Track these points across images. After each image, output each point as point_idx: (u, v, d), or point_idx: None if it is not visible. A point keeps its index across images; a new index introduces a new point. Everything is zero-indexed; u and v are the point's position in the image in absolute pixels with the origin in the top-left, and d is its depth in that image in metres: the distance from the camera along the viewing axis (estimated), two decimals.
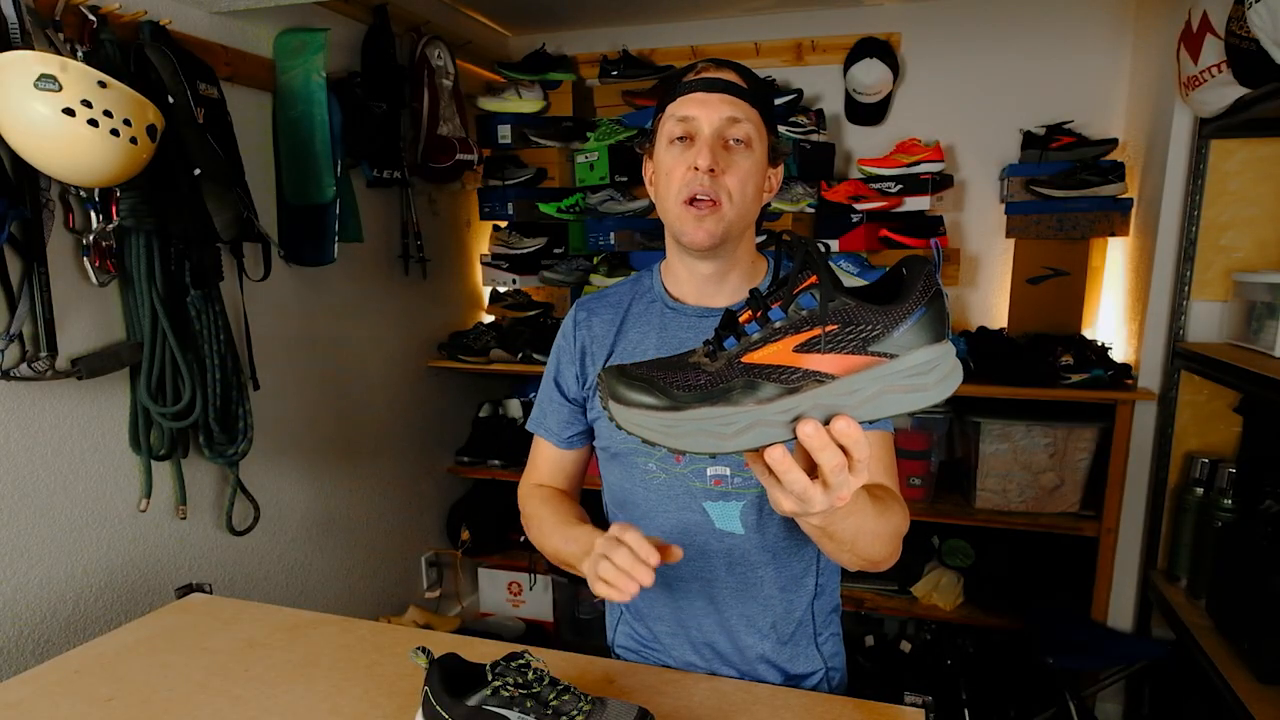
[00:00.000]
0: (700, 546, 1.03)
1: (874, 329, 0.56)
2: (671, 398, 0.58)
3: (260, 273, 1.85)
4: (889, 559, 0.88)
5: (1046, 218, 2.27)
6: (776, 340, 0.57)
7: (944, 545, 2.46)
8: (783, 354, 0.57)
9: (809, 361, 0.56)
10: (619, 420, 0.59)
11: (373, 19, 2.20)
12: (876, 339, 0.56)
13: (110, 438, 1.57)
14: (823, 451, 0.56)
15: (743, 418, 0.57)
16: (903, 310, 0.56)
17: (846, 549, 0.79)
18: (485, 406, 2.87)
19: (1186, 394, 2.05)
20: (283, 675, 1.00)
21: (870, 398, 0.57)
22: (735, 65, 0.98)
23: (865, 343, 0.56)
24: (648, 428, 0.58)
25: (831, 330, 0.56)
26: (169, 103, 1.49)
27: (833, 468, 0.57)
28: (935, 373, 0.57)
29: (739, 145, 0.95)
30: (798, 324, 0.57)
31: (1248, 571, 1.62)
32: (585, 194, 2.60)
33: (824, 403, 0.56)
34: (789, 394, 0.56)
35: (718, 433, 0.57)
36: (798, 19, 2.59)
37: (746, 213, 0.97)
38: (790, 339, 0.57)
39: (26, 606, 1.44)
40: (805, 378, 0.56)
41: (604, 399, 0.60)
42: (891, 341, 0.56)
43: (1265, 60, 1.43)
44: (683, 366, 0.60)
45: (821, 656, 1.08)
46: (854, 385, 0.56)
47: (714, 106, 0.94)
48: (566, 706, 0.78)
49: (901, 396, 0.57)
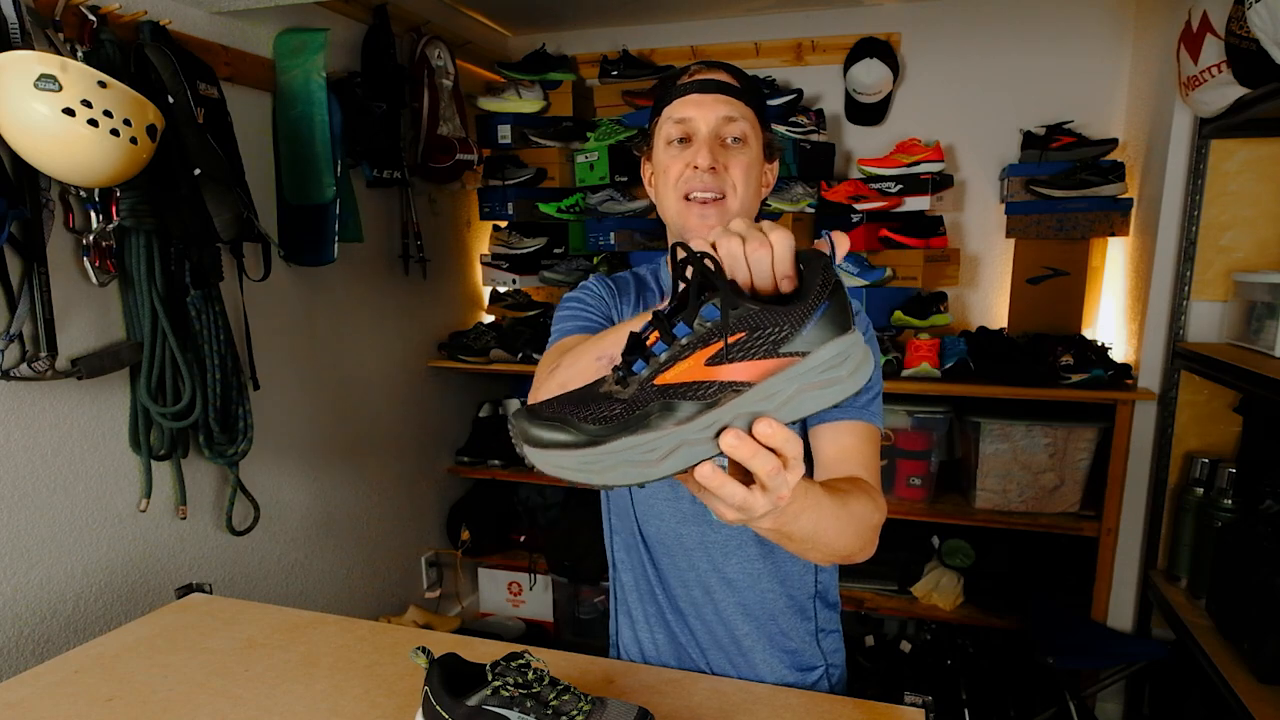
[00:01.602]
0: (698, 537, 1.03)
1: (781, 330, 0.55)
2: (586, 433, 0.55)
3: (260, 273, 1.85)
4: (861, 552, 0.85)
5: (1046, 218, 2.27)
6: (686, 357, 0.56)
7: (944, 545, 2.46)
8: (695, 370, 0.55)
9: (722, 373, 0.55)
10: (537, 464, 0.56)
11: (373, 19, 2.20)
12: (785, 340, 0.55)
13: (110, 438, 1.57)
14: (754, 459, 0.55)
15: (665, 441, 0.55)
16: (806, 307, 0.55)
17: (809, 547, 0.77)
18: (485, 406, 2.87)
19: (1186, 394, 2.05)
20: (282, 675, 1.00)
21: (789, 399, 0.56)
22: (727, 66, 1.01)
23: (775, 345, 0.55)
24: (567, 468, 0.55)
25: (739, 338, 0.55)
26: (169, 103, 1.49)
27: (768, 472, 0.55)
28: (848, 364, 0.56)
29: (736, 143, 0.97)
30: (704, 337, 0.55)
31: (1248, 571, 1.62)
32: (585, 194, 2.60)
33: (744, 411, 0.55)
34: (708, 409, 0.55)
35: (642, 461, 0.55)
36: (798, 19, 2.59)
37: (749, 208, 0.99)
38: (700, 353, 0.55)
39: (26, 606, 1.44)
40: (722, 390, 0.55)
41: (518, 444, 0.57)
42: (801, 340, 0.55)
43: (1265, 60, 1.43)
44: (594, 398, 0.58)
45: (822, 652, 1.09)
46: (771, 389, 0.55)
47: (710, 107, 0.96)
48: (566, 706, 0.78)
49: (820, 392, 0.56)
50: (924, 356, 2.20)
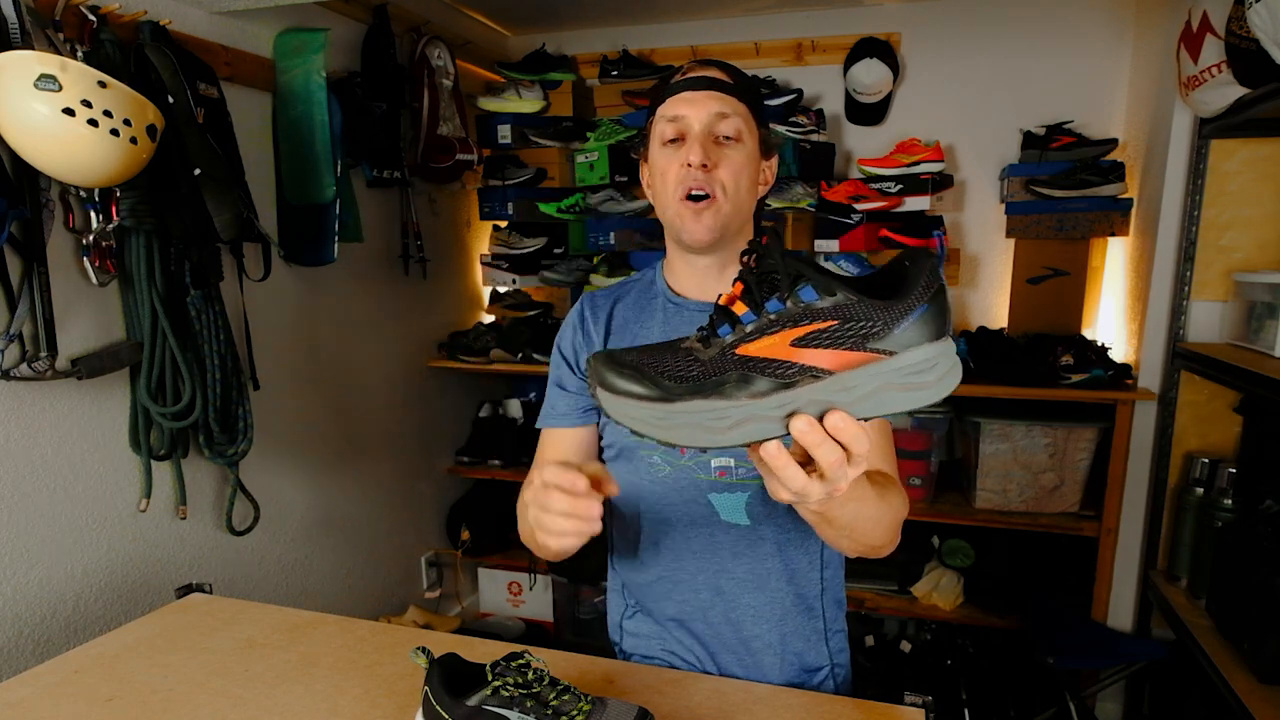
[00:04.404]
0: (706, 539, 1.03)
1: (874, 325, 0.54)
2: (662, 389, 0.56)
3: (260, 273, 1.85)
4: (888, 545, 0.88)
5: (1046, 218, 2.27)
6: (773, 333, 0.55)
7: (944, 545, 2.46)
8: (779, 347, 0.55)
9: (805, 356, 0.55)
10: (607, 409, 0.57)
11: (373, 19, 2.20)
12: (876, 336, 0.54)
13: (110, 438, 1.57)
14: (819, 447, 0.55)
15: (736, 412, 0.55)
16: (904, 307, 0.54)
17: (845, 534, 0.79)
18: (485, 406, 2.87)
19: (1186, 394, 2.05)
20: (282, 675, 1.00)
21: (867, 395, 0.55)
22: (720, 64, 1.00)
23: (864, 339, 0.54)
24: (638, 419, 0.56)
25: (830, 325, 0.54)
26: (169, 103, 1.49)
27: (830, 463, 0.56)
28: (934, 371, 0.55)
29: (729, 140, 0.97)
30: (795, 317, 0.55)
31: (1248, 571, 1.62)
32: (585, 194, 2.60)
33: (819, 398, 0.55)
34: (784, 389, 0.55)
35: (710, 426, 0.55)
36: (798, 19, 2.59)
37: (742, 205, 0.99)
38: (788, 332, 0.55)
39: (26, 606, 1.44)
40: (801, 373, 0.55)
41: (592, 385, 0.58)
42: (891, 339, 0.54)
43: (1265, 60, 1.43)
44: (674, 352, 0.58)
45: (829, 651, 1.09)
46: (851, 381, 0.55)
47: (701, 104, 0.96)
48: (566, 706, 0.78)
49: (900, 394, 0.55)
50: None
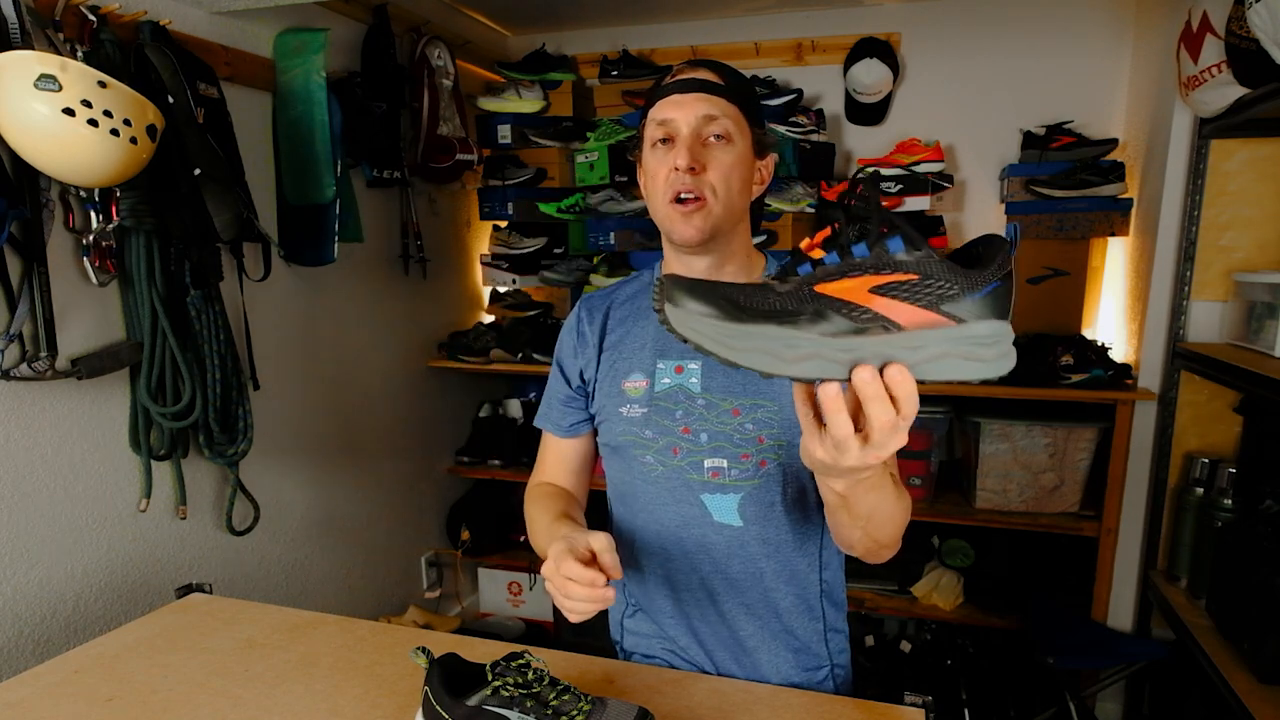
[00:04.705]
0: (699, 539, 1.03)
1: (951, 288, 0.55)
2: (735, 309, 0.56)
3: (260, 273, 1.85)
4: (893, 545, 0.88)
5: (1046, 218, 2.27)
6: (854, 276, 0.56)
7: (944, 545, 2.46)
8: (858, 292, 0.56)
9: (881, 305, 0.56)
10: (673, 323, 0.56)
11: (373, 19, 2.20)
12: (951, 299, 0.55)
13: (110, 438, 1.57)
14: (875, 402, 0.55)
15: (805, 345, 0.55)
16: (980, 278, 0.56)
17: (860, 525, 0.79)
18: (485, 406, 2.87)
19: (1186, 394, 2.05)
20: (282, 675, 1.00)
21: (933, 357, 0.56)
22: (712, 64, 1.00)
23: (939, 300, 0.55)
24: (704, 334, 0.55)
25: (911, 279, 0.55)
26: (169, 103, 1.49)
27: (881, 424, 0.56)
28: (996, 348, 0.57)
29: (719, 141, 0.96)
30: (877, 265, 0.56)
31: (1248, 571, 1.62)
32: (585, 194, 2.60)
33: (886, 352, 0.56)
34: (855, 334, 0.56)
35: (778, 353, 0.55)
36: (798, 19, 2.59)
37: (734, 206, 0.98)
38: (869, 278, 0.56)
39: (26, 606, 1.44)
40: (874, 320, 0.56)
41: (658, 301, 0.57)
42: (964, 306, 0.56)
43: (1265, 60, 1.43)
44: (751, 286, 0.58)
45: (828, 652, 1.08)
46: (920, 340, 0.56)
47: (689, 106, 0.96)
48: (566, 706, 0.78)
49: (961, 363, 0.56)
50: None
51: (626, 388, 1.05)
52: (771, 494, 1.01)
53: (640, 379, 1.04)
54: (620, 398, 1.05)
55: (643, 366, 1.05)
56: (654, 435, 1.03)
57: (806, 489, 1.02)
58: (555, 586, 0.83)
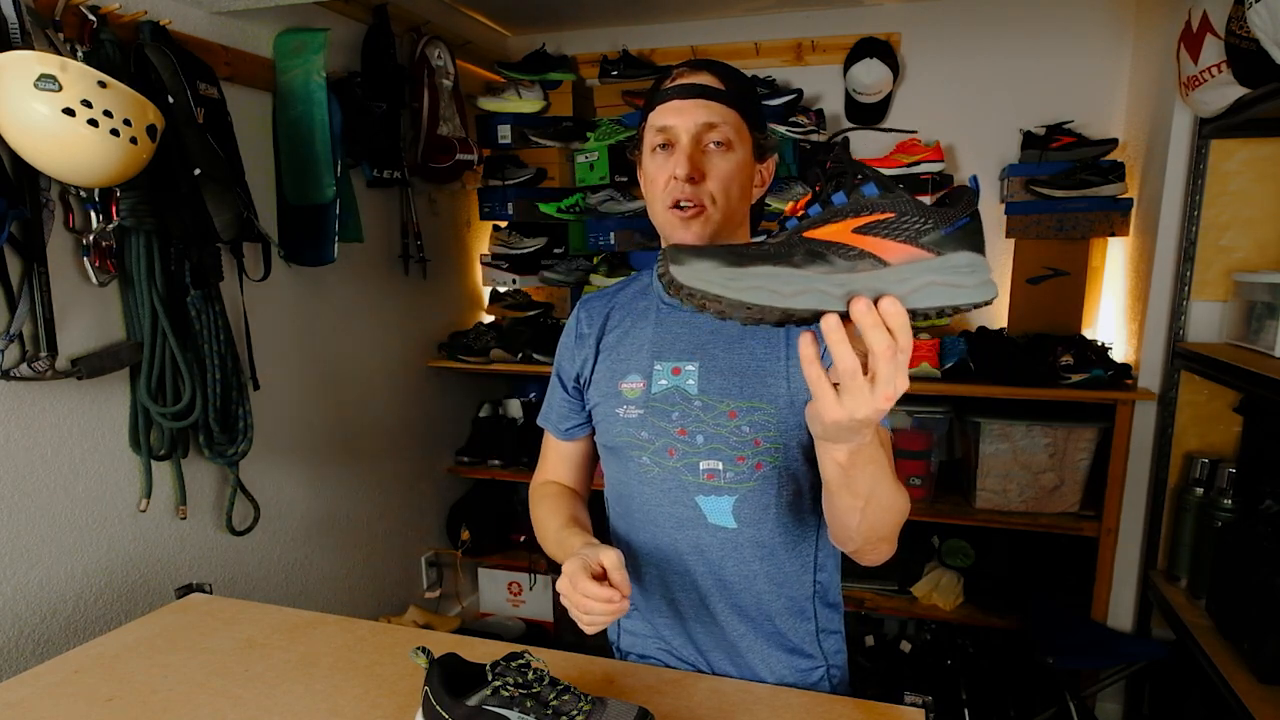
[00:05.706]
0: (693, 541, 1.03)
1: (925, 223, 0.61)
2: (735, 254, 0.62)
3: (260, 273, 1.85)
4: (890, 541, 0.89)
5: (1046, 218, 2.27)
6: (838, 221, 0.62)
7: (944, 545, 2.46)
8: (843, 233, 0.62)
9: (867, 243, 0.61)
10: (680, 278, 0.61)
11: (373, 19, 2.20)
12: (927, 233, 0.61)
13: (110, 438, 1.57)
14: (873, 330, 0.59)
15: (802, 280, 0.61)
16: (950, 214, 0.62)
17: (860, 503, 0.79)
18: (485, 406, 2.87)
19: (1186, 394, 2.05)
20: (282, 675, 1.01)
21: (919, 287, 0.61)
22: (713, 66, 0.99)
23: (917, 235, 0.61)
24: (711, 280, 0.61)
25: (888, 217, 0.61)
26: (169, 103, 1.49)
27: (881, 349, 0.60)
28: (974, 275, 0.62)
29: (718, 148, 0.96)
30: (857, 208, 0.62)
31: (1248, 571, 1.62)
32: (585, 194, 2.60)
33: (876, 285, 0.61)
34: (846, 270, 0.61)
35: (778, 290, 0.61)
36: (798, 19, 2.59)
37: (734, 212, 0.98)
38: (850, 220, 0.62)
39: (26, 606, 1.44)
40: (862, 256, 0.61)
41: (663, 265, 0.62)
42: (939, 239, 0.61)
43: (1265, 60, 1.43)
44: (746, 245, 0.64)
45: (823, 653, 1.08)
46: (906, 274, 0.61)
47: (689, 114, 0.95)
48: (566, 706, 0.78)
49: (943, 290, 0.61)
50: (924, 356, 2.20)
51: (623, 389, 1.05)
52: (766, 497, 1.01)
53: (637, 380, 1.04)
54: (617, 399, 1.05)
55: (640, 368, 1.05)
56: (650, 436, 1.03)
57: (802, 492, 1.02)
58: (572, 603, 0.87)
